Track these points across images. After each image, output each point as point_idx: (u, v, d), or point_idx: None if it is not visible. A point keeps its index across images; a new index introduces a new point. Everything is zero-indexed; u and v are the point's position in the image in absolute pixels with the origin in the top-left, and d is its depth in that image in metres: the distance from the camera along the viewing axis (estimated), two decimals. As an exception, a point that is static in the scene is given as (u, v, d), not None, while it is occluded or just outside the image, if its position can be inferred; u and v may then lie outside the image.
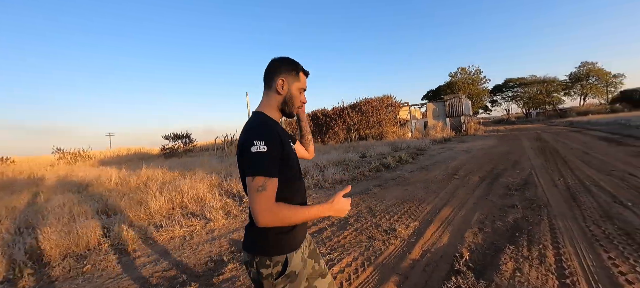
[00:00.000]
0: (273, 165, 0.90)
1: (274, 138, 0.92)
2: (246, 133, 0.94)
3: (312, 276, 1.12)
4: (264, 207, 0.86)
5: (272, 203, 0.88)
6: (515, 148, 9.86)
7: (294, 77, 1.07)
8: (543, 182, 4.67)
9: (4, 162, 19.42)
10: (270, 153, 0.90)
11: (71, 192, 6.86)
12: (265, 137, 0.91)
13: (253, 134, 0.91)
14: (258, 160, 0.88)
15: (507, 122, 43.03)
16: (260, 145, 0.89)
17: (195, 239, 3.53)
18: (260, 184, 0.87)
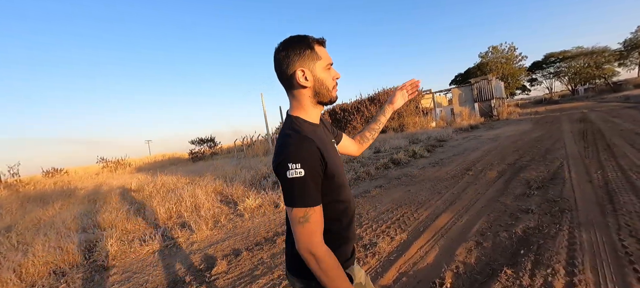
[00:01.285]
0: (314, 191, 0.75)
1: (312, 157, 0.75)
2: (280, 151, 0.77)
3: None
4: (306, 242, 0.74)
5: (317, 240, 0.74)
6: (550, 133, 8.64)
7: (311, 58, 0.83)
8: (575, 177, 3.88)
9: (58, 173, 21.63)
10: (310, 178, 0.74)
11: (91, 202, 7.28)
12: (301, 158, 0.74)
13: (287, 155, 0.74)
14: (296, 188, 0.73)
15: (549, 102, 38.70)
16: (297, 169, 0.72)
17: (171, 254, 3.41)
18: (302, 215, 0.73)
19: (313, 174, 0.74)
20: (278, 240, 3.30)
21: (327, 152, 0.81)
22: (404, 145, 10.80)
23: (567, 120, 11.58)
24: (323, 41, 0.86)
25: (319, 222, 0.76)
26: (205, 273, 2.76)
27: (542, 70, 45.48)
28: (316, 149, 0.77)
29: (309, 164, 0.74)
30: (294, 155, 0.74)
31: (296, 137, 0.78)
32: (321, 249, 0.74)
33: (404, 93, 1.22)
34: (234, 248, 3.29)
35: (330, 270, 0.74)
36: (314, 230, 0.74)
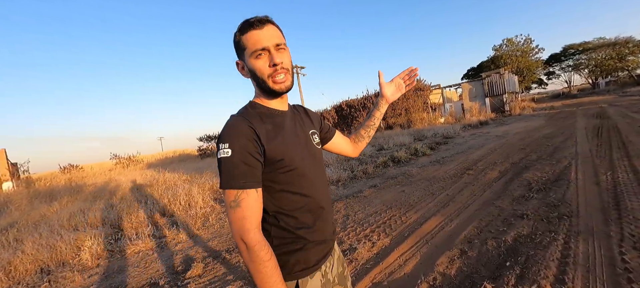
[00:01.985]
0: (244, 173, 0.67)
1: (242, 136, 0.69)
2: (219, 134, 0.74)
3: None
4: (237, 227, 0.67)
5: (249, 225, 0.66)
6: (563, 129, 8.17)
7: (241, 49, 0.77)
8: (581, 178, 3.59)
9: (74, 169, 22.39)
10: (238, 158, 0.67)
11: (94, 199, 7.42)
12: (230, 137, 0.69)
13: (220, 135, 0.71)
14: (223, 168, 0.68)
15: (567, 96, 37.00)
16: (225, 149, 0.68)
17: (155, 254, 3.38)
18: (232, 199, 0.67)
19: (242, 154, 0.68)
20: (259, 242, 3.20)
21: (273, 136, 0.74)
22: (408, 142, 10.51)
23: (582, 116, 10.95)
24: (255, 23, 0.74)
25: (251, 208, 0.68)
26: (180, 276, 2.70)
27: (560, 63, 43.48)
28: (247, 128, 0.70)
29: (237, 144, 0.68)
30: (224, 135, 0.70)
31: (233, 118, 0.75)
32: (253, 238, 0.67)
33: (400, 83, 1.10)
34: (215, 250, 3.22)
35: (259, 263, 0.66)
36: (246, 216, 0.67)
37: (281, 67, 0.75)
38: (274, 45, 0.74)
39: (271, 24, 0.76)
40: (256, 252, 0.66)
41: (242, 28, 0.75)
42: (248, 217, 0.67)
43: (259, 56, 0.74)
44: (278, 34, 0.76)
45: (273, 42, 0.74)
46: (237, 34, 0.77)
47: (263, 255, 0.66)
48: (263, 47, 0.73)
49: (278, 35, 0.76)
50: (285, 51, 0.78)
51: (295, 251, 0.75)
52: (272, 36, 0.74)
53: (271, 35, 0.74)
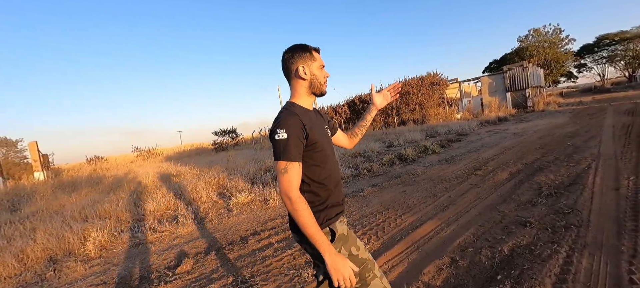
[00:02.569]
0: (292, 150, 0.96)
1: (295, 126, 0.98)
2: (274, 122, 1.02)
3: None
4: (287, 187, 0.95)
5: (292, 186, 0.96)
6: (588, 127, 7.57)
7: (310, 59, 1.10)
8: (599, 182, 3.29)
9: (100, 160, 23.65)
10: (291, 140, 0.96)
11: (110, 191, 7.78)
12: (286, 126, 0.97)
13: (276, 124, 0.99)
14: (279, 146, 0.97)
15: (599, 91, 34.36)
16: (282, 133, 0.96)
17: (154, 248, 3.46)
18: (283, 167, 0.96)
19: (295, 138, 0.97)
20: (251, 240, 3.19)
21: (311, 124, 1.05)
22: (419, 138, 10.19)
23: (613, 113, 10.11)
24: (318, 49, 1.15)
25: (296, 175, 0.97)
26: (169, 272, 2.74)
27: (593, 55, 40.42)
28: (299, 121, 1.00)
29: (291, 130, 0.97)
30: (281, 124, 0.98)
31: (286, 112, 1.04)
32: (295, 194, 0.96)
33: (387, 94, 1.42)
34: (209, 246, 3.25)
35: (303, 210, 0.95)
36: (291, 180, 0.96)
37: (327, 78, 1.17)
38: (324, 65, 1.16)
39: None
40: (298, 203, 0.95)
41: (311, 47, 1.12)
42: (292, 180, 0.96)
43: (321, 69, 1.13)
44: None
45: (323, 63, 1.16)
46: (307, 47, 1.11)
47: (303, 205, 0.96)
48: (324, 64, 1.15)
49: None
50: None
51: (323, 209, 1.06)
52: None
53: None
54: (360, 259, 1.06)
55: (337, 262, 0.94)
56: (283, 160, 0.96)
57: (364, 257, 1.08)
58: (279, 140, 0.97)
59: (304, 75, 1.08)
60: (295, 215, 0.95)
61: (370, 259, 1.10)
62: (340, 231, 1.07)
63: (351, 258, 1.04)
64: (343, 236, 1.07)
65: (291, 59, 1.09)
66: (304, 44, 1.11)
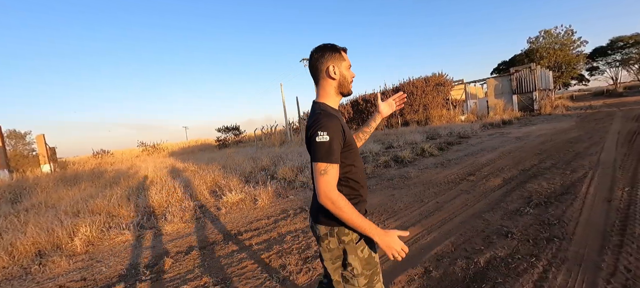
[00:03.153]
0: (334, 153, 0.98)
1: (336, 128, 1.00)
2: (312, 124, 1.02)
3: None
4: (326, 188, 0.97)
5: (332, 187, 0.98)
6: (593, 133, 7.34)
7: (339, 59, 1.11)
8: (592, 193, 3.17)
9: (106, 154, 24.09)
10: (332, 142, 0.98)
11: (107, 186, 7.88)
12: (328, 127, 0.99)
13: (318, 126, 0.99)
14: (321, 149, 0.98)
15: (611, 95, 33.42)
16: (324, 136, 0.97)
17: (139, 245, 3.48)
18: (323, 169, 0.97)
19: (335, 141, 0.99)
20: (231, 242, 3.18)
21: (346, 129, 1.08)
22: (419, 140, 10.06)
23: (620, 118, 9.80)
24: (345, 49, 1.15)
25: (335, 176, 0.99)
26: (147, 271, 2.74)
27: (605, 58, 39.36)
28: (339, 124, 1.02)
29: (333, 133, 0.98)
30: (323, 126, 0.98)
31: (325, 114, 1.03)
32: (335, 194, 0.97)
33: (392, 103, 1.45)
34: (190, 245, 3.25)
35: (345, 207, 0.96)
36: (331, 181, 0.97)
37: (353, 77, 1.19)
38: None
39: None
40: (339, 201, 0.96)
41: (341, 47, 1.13)
42: (332, 182, 0.97)
43: (349, 69, 1.15)
44: None
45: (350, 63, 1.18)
46: (337, 48, 1.12)
47: (344, 202, 0.97)
48: (351, 65, 1.16)
49: None
50: None
51: (357, 203, 1.08)
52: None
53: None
54: (374, 262, 1.10)
55: (387, 240, 0.99)
56: (324, 162, 0.97)
57: (376, 261, 1.12)
58: (321, 142, 0.98)
59: (334, 75, 1.10)
60: (340, 213, 0.97)
61: (379, 264, 1.15)
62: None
63: (369, 259, 1.08)
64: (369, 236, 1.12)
65: (321, 58, 1.10)
66: (333, 44, 1.12)
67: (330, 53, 1.10)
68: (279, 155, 9.57)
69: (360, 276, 1.06)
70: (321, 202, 0.97)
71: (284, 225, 3.47)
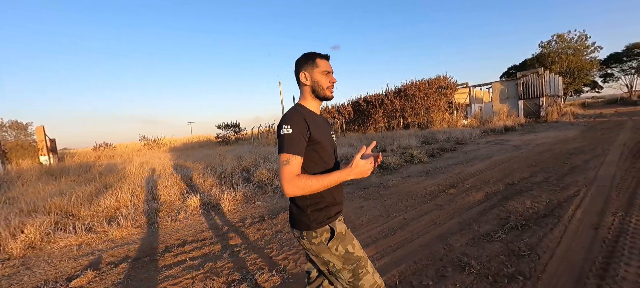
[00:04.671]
0: (296, 144, 1.03)
1: (299, 122, 1.05)
2: (281, 119, 1.09)
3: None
4: (287, 177, 1.00)
5: (294, 175, 1.01)
6: (597, 144, 6.80)
7: (312, 66, 1.17)
8: (579, 217, 2.75)
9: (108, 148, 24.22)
10: (295, 135, 1.03)
11: (89, 182, 7.71)
12: (291, 121, 1.05)
13: (282, 120, 1.07)
14: (284, 140, 1.04)
15: (626, 103, 32.06)
16: (287, 129, 1.04)
17: (77, 251, 3.21)
18: (285, 160, 1.02)
19: (298, 134, 1.04)
20: (169, 254, 2.87)
21: (315, 126, 1.12)
22: (414, 145, 9.65)
23: (630, 129, 9.17)
24: (325, 56, 1.20)
25: (297, 167, 1.03)
26: (65, 284, 2.46)
27: (621, 64, 37.89)
28: (303, 118, 1.08)
29: (296, 126, 1.05)
30: (287, 120, 1.06)
31: (291, 110, 1.12)
32: (297, 177, 1.01)
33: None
34: (127, 256, 2.96)
35: (310, 182, 1.02)
36: (292, 170, 1.02)
37: (334, 85, 1.20)
38: (332, 71, 1.20)
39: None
40: (302, 181, 1.01)
41: (316, 54, 1.18)
42: (294, 171, 1.01)
43: (325, 74, 1.17)
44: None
45: (332, 70, 1.20)
46: (311, 55, 1.18)
47: (307, 178, 1.02)
48: (329, 70, 1.18)
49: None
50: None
51: (324, 207, 1.11)
52: (331, 66, 1.20)
53: (330, 66, 1.20)
54: (355, 256, 1.11)
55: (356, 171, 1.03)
56: (286, 152, 1.01)
57: (359, 255, 1.12)
58: (284, 134, 1.03)
59: (306, 81, 1.17)
60: (310, 191, 1.02)
61: (364, 257, 1.15)
62: (339, 230, 1.13)
63: (347, 255, 1.10)
64: (341, 234, 1.13)
65: (297, 66, 1.19)
66: (311, 52, 1.19)
67: (304, 61, 1.17)
68: (266, 156, 9.29)
69: (343, 271, 1.10)
70: (288, 193, 1.01)
71: (233, 237, 3.16)
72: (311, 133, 1.07)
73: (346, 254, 1.10)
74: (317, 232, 1.09)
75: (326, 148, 1.13)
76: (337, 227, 1.13)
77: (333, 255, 1.09)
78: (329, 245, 1.09)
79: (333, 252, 1.09)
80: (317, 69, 1.15)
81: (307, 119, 1.09)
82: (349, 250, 1.11)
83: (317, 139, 1.09)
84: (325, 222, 1.10)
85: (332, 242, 1.09)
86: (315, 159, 1.10)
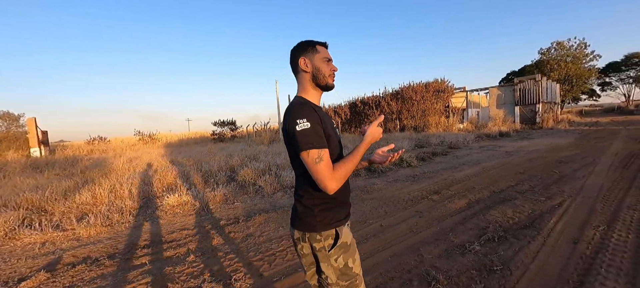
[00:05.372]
0: (321, 137, 0.95)
1: (312, 114, 0.96)
2: (288, 117, 0.98)
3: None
4: (327, 175, 0.92)
5: (332, 170, 0.93)
6: (589, 153, 6.71)
7: (312, 52, 1.07)
8: (560, 230, 2.63)
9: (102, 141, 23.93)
10: (315, 128, 0.95)
11: (76, 175, 7.55)
12: (305, 115, 0.95)
13: (294, 116, 0.95)
14: (306, 135, 0.93)
15: (622, 112, 32.12)
16: (304, 123, 0.93)
17: (40, 249, 3.07)
18: (317, 156, 0.92)
19: (316, 126, 0.95)
20: (130, 257, 2.74)
21: (323, 118, 1.03)
22: (407, 147, 9.53)
23: (624, 138, 9.09)
24: (324, 43, 1.11)
25: (330, 160, 0.95)
26: (17, 284, 2.32)
27: (619, 73, 37.99)
28: (313, 110, 0.99)
29: (311, 119, 0.95)
30: (298, 114, 0.95)
31: (298, 104, 1.02)
32: (333, 172, 0.94)
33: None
34: (87, 256, 2.83)
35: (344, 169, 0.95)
36: (329, 164, 0.94)
37: (335, 73, 1.11)
38: (332, 59, 1.11)
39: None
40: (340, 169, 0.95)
41: (319, 42, 1.10)
42: (330, 165, 0.94)
43: (327, 62, 1.08)
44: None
45: (331, 57, 1.11)
46: (311, 42, 1.09)
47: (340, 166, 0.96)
48: (330, 58, 1.10)
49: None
50: None
51: (332, 207, 1.03)
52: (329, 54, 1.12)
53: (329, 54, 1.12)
54: (352, 273, 1.03)
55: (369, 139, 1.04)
56: (315, 148, 0.92)
57: (356, 272, 1.04)
58: (303, 130, 0.93)
59: (306, 68, 1.07)
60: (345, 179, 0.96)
61: (361, 276, 1.07)
62: (344, 239, 1.04)
63: (345, 269, 1.02)
64: (345, 244, 1.04)
65: (295, 53, 1.09)
66: (309, 40, 1.10)
67: (303, 47, 1.08)
68: (256, 154, 9.15)
69: (335, 286, 1.01)
70: (333, 190, 0.92)
71: (201, 240, 3.03)
72: (323, 125, 1.00)
73: (345, 268, 1.01)
74: (322, 235, 1.00)
75: (334, 140, 1.06)
76: (342, 233, 1.03)
77: (330, 266, 0.99)
78: (330, 252, 0.99)
79: (332, 262, 0.99)
80: (318, 55, 1.07)
81: (317, 110, 1.01)
82: (349, 265, 1.02)
83: (327, 133, 1.01)
84: (333, 225, 1.01)
85: (334, 250, 1.00)
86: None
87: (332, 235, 1.01)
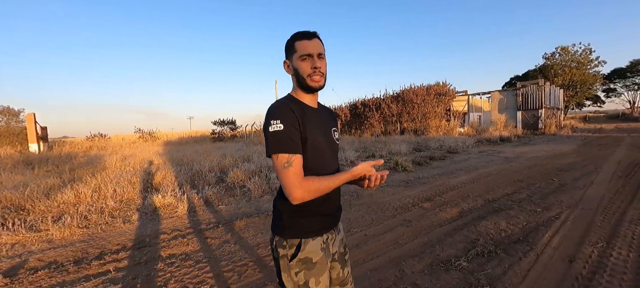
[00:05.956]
0: (294, 141, 0.87)
1: (288, 116, 0.89)
2: (266, 116, 0.91)
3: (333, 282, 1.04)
4: (294, 182, 0.84)
5: (301, 178, 0.86)
6: (591, 160, 6.49)
7: (291, 51, 0.98)
8: (555, 245, 2.45)
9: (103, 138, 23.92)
10: (288, 130, 0.87)
11: (64, 173, 7.44)
12: (280, 116, 0.88)
13: (269, 115, 0.90)
14: (277, 138, 0.86)
15: (627, 119, 31.66)
16: (277, 124, 0.87)
17: (8, 251, 2.92)
18: (285, 161, 0.85)
19: (291, 129, 0.87)
20: (96, 262, 2.59)
21: (308, 121, 0.93)
22: (404, 151, 9.36)
23: (627, 146, 8.84)
24: (306, 35, 0.95)
25: (300, 166, 0.86)
26: (-33, 294, 2.18)
27: (624, 80, 37.52)
28: (291, 111, 0.90)
29: (286, 120, 0.87)
30: (273, 114, 0.88)
31: (278, 103, 0.93)
32: (304, 182, 0.85)
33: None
34: (55, 259, 2.68)
35: (315, 187, 0.86)
36: (297, 172, 0.85)
37: (319, 71, 0.94)
38: (316, 53, 0.94)
39: (317, 38, 0.96)
40: (310, 184, 0.85)
41: (296, 36, 0.96)
42: (299, 173, 0.86)
43: (305, 60, 0.94)
44: (320, 46, 0.96)
45: (316, 51, 0.94)
46: (290, 40, 0.97)
47: (312, 181, 0.86)
48: (309, 53, 0.93)
49: (320, 47, 0.96)
50: (324, 60, 0.97)
51: (304, 216, 0.94)
52: (316, 47, 0.94)
53: (315, 46, 0.94)
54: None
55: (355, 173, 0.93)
56: (284, 152, 0.85)
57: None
58: (274, 131, 0.86)
59: (289, 70, 1.01)
60: (317, 194, 0.87)
61: None
62: (309, 254, 0.92)
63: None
64: (308, 260, 0.92)
65: (284, 56, 1.03)
66: (290, 37, 0.98)
67: (286, 48, 1.00)
68: (250, 155, 9.01)
69: None
70: (297, 199, 0.84)
71: (174, 245, 2.87)
72: (302, 129, 0.91)
73: (304, 287, 0.91)
74: (287, 243, 0.92)
75: (320, 149, 0.94)
76: (307, 247, 0.92)
77: (290, 279, 0.91)
78: (291, 263, 0.91)
79: (292, 274, 0.91)
80: (296, 54, 0.95)
81: (296, 111, 0.92)
82: (309, 285, 0.91)
83: (308, 137, 0.91)
84: (300, 235, 0.92)
85: (294, 262, 0.91)
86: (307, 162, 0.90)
87: (295, 244, 0.93)
